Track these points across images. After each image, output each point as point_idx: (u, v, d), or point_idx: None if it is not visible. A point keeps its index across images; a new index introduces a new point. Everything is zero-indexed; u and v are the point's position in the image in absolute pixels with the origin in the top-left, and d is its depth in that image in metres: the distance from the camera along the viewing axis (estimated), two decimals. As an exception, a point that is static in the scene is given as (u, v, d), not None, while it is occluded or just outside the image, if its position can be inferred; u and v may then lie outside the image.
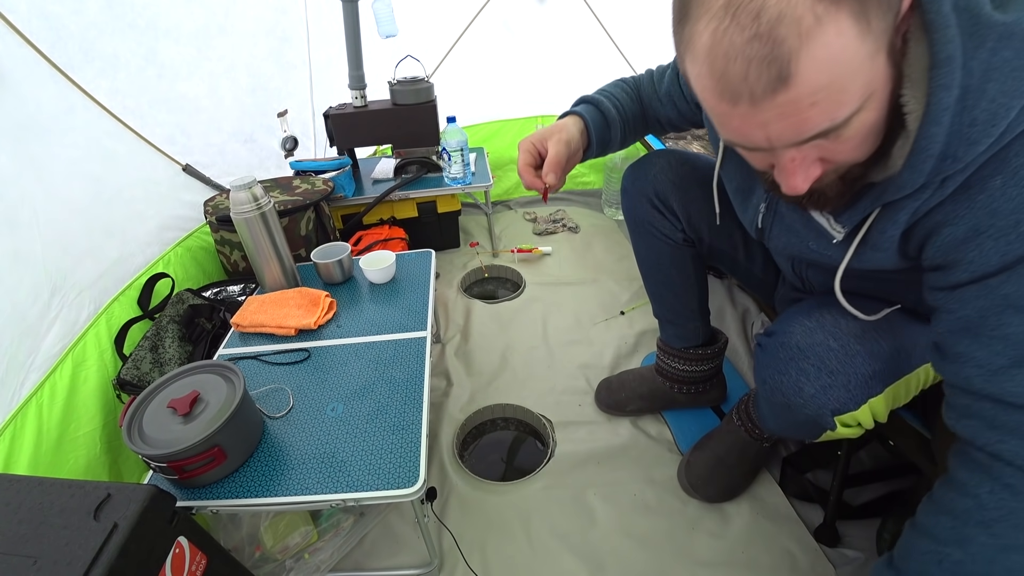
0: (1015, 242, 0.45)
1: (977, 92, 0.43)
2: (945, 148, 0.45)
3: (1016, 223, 0.45)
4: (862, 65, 0.40)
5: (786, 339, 0.68)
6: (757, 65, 0.39)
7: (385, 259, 1.30)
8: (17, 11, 1.03)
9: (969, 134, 0.44)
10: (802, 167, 0.47)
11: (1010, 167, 0.44)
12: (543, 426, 1.27)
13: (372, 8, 1.71)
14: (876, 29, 0.39)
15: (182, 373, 0.88)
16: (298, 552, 0.94)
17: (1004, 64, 0.42)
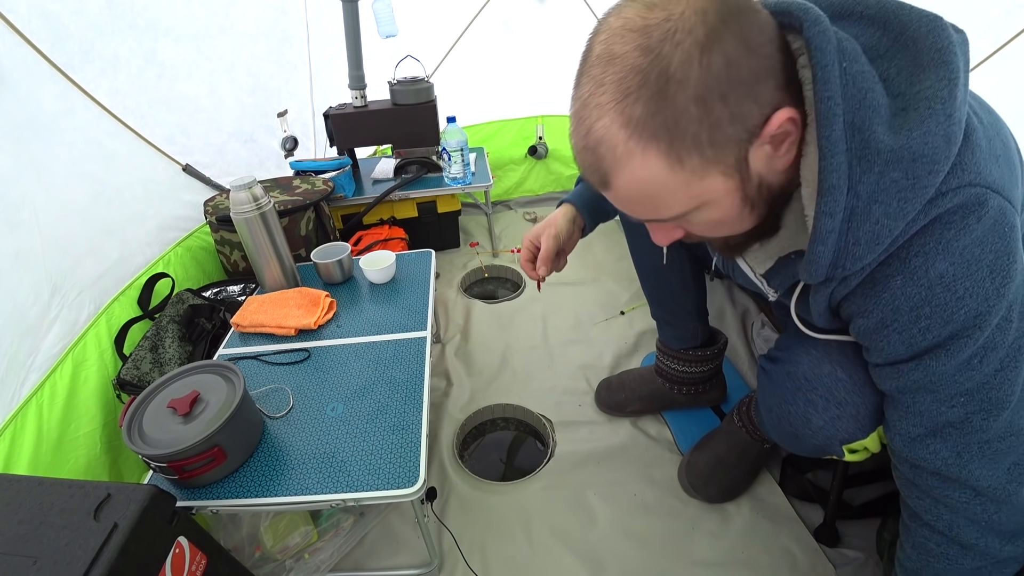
0: (917, 335, 0.51)
1: (862, 214, 0.46)
2: (835, 260, 0.50)
3: (916, 318, 0.50)
4: (676, 188, 0.46)
5: (793, 368, 0.67)
6: (589, 168, 0.48)
7: (385, 259, 1.30)
8: (17, 11, 1.03)
9: (854, 251, 0.49)
10: (662, 232, 0.56)
11: (909, 267, 0.49)
12: (543, 426, 1.27)
13: (372, 8, 1.71)
14: (693, 165, 0.44)
15: (182, 373, 0.88)
16: (298, 552, 0.94)
17: (892, 185, 0.45)
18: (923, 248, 0.48)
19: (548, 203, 2.40)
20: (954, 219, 0.46)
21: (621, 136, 0.43)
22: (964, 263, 0.47)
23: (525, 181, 2.41)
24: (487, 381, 1.40)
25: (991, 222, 0.47)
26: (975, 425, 0.54)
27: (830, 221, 0.47)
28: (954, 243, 0.47)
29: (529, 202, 2.41)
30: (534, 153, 2.34)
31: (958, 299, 0.48)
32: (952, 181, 0.46)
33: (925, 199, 0.45)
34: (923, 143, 0.44)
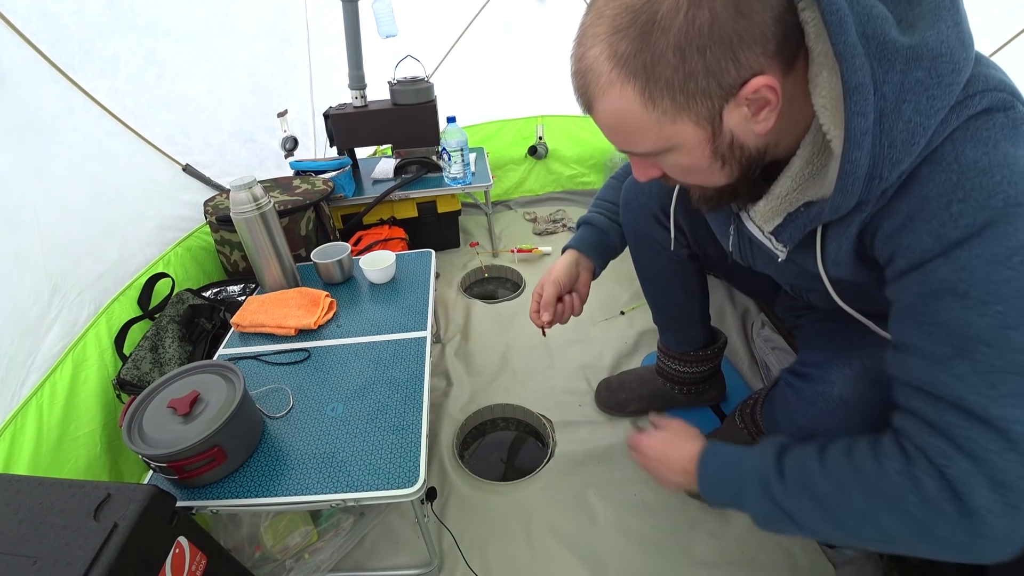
0: (948, 223, 0.45)
1: (893, 115, 0.45)
2: (871, 169, 0.47)
3: (946, 204, 0.45)
4: (648, 126, 0.50)
5: (827, 388, 0.65)
6: (578, 90, 0.53)
7: (385, 259, 1.30)
8: (17, 11, 1.03)
9: (891, 155, 0.46)
10: (641, 168, 0.59)
11: (937, 156, 0.46)
12: (543, 426, 1.27)
13: (372, 8, 1.71)
14: (664, 106, 0.48)
15: (182, 373, 0.88)
16: (298, 552, 0.94)
17: (916, 85, 0.45)
18: (952, 139, 0.46)
19: (548, 203, 2.40)
20: (982, 117, 0.46)
21: (606, 67, 0.48)
22: (1000, 154, 0.44)
23: (525, 181, 2.42)
24: (487, 381, 1.40)
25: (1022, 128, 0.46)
26: (1015, 343, 0.43)
27: (863, 122, 0.45)
28: (984, 133, 0.45)
29: (529, 202, 2.41)
30: (534, 153, 2.34)
31: (995, 184, 0.44)
32: (977, 86, 0.46)
33: (953, 98, 0.45)
34: (939, 42, 0.44)
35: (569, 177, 2.41)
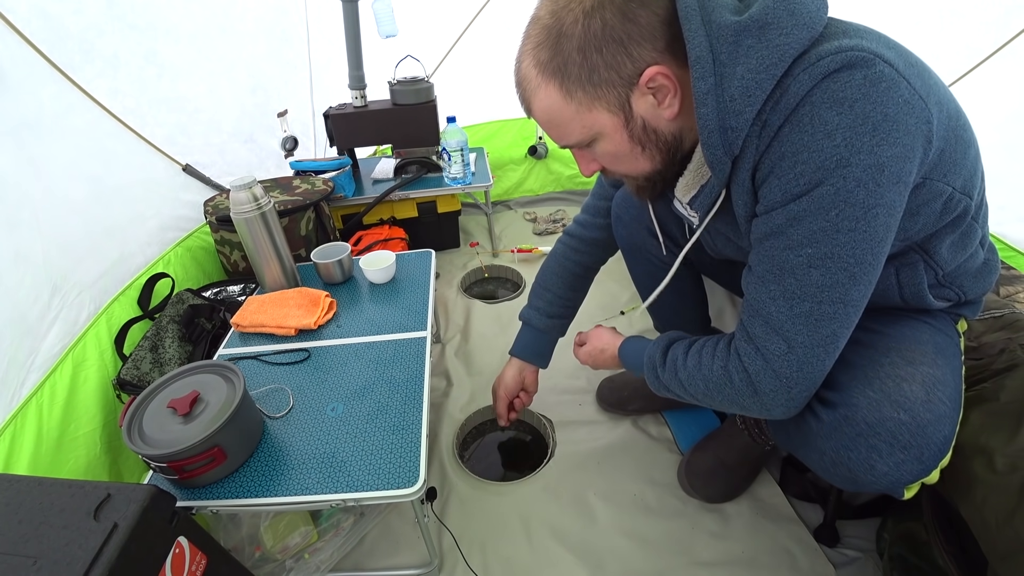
0: (792, 180, 0.55)
1: (729, 75, 0.55)
2: (720, 121, 0.57)
3: (795, 163, 0.54)
4: (571, 117, 0.61)
5: (851, 412, 0.64)
6: (520, 98, 0.66)
7: (385, 259, 1.30)
8: (17, 11, 1.03)
9: (732, 107, 0.55)
10: (583, 162, 0.70)
11: (797, 115, 0.53)
12: (543, 426, 1.27)
13: (372, 8, 1.71)
14: (579, 98, 0.59)
15: (182, 373, 0.88)
16: (298, 552, 0.94)
17: (748, 50, 0.54)
18: (811, 98, 0.52)
19: (548, 203, 2.40)
20: (841, 74, 0.51)
21: (533, 73, 0.60)
22: (851, 114, 0.51)
23: (525, 181, 2.42)
24: (487, 381, 1.40)
25: (883, 85, 0.51)
26: (813, 280, 0.57)
27: (704, 84, 0.55)
28: (841, 93, 0.51)
29: (529, 202, 2.41)
30: (534, 153, 2.34)
31: (835, 147, 0.52)
32: (830, 47, 0.52)
33: (788, 56, 0.52)
34: (763, 13, 0.53)
35: (569, 177, 2.41)
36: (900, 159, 0.53)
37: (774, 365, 0.60)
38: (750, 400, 0.64)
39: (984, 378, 0.78)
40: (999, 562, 0.63)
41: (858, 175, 0.52)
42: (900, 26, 1.54)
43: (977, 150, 0.65)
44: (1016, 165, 1.27)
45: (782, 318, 0.59)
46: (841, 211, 0.54)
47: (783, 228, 0.57)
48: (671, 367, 0.74)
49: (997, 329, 0.88)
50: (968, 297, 0.75)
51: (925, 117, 0.53)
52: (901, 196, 0.55)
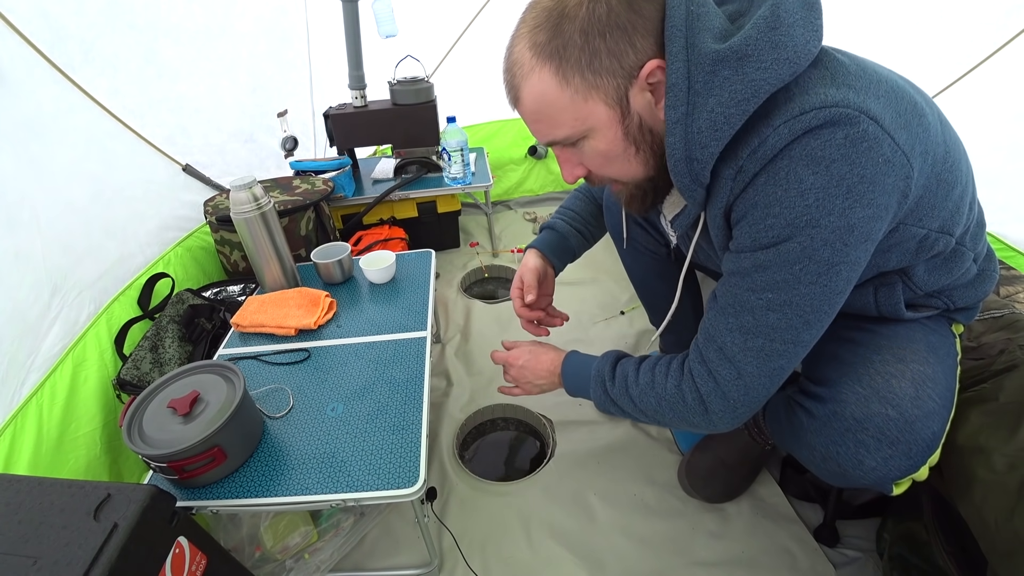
0: (762, 231, 0.56)
1: (700, 106, 0.54)
2: (687, 151, 0.56)
3: (766, 216, 0.55)
4: (565, 105, 0.57)
5: (839, 408, 0.66)
6: (507, 86, 0.61)
7: (385, 259, 1.30)
8: (17, 11, 1.03)
9: (699, 139, 0.55)
10: (567, 166, 0.66)
11: (774, 168, 0.53)
12: (543, 426, 1.27)
13: (372, 8, 1.71)
14: (576, 84, 0.55)
15: (182, 373, 0.88)
16: (298, 552, 0.94)
17: (724, 81, 0.52)
18: (790, 153, 0.52)
19: (548, 203, 2.40)
20: (822, 132, 0.50)
21: (527, 55, 0.57)
22: (827, 176, 0.51)
23: (525, 181, 2.42)
24: (487, 381, 1.40)
25: (864, 145, 0.50)
26: (769, 321, 0.59)
27: (674, 113, 0.55)
28: (819, 153, 0.51)
29: (529, 202, 2.41)
30: (534, 153, 2.34)
31: (806, 206, 0.52)
32: (815, 100, 0.51)
33: (760, 92, 0.51)
34: (744, 44, 0.51)
35: (569, 177, 2.41)
36: (871, 219, 0.54)
37: (724, 388, 0.63)
38: (700, 418, 0.67)
39: (984, 378, 0.78)
40: (999, 561, 0.63)
41: (826, 236, 0.53)
42: (900, 26, 1.54)
43: (965, 186, 0.64)
44: (1016, 165, 1.27)
45: (736, 349, 0.62)
46: (805, 266, 0.55)
47: (749, 271, 0.59)
48: (621, 383, 0.74)
49: (997, 329, 0.88)
50: (958, 305, 0.75)
51: (905, 173, 0.53)
52: (867, 252, 0.57)
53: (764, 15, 0.52)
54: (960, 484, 0.70)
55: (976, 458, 0.69)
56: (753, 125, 0.54)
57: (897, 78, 0.59)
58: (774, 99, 0.53)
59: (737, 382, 0.62)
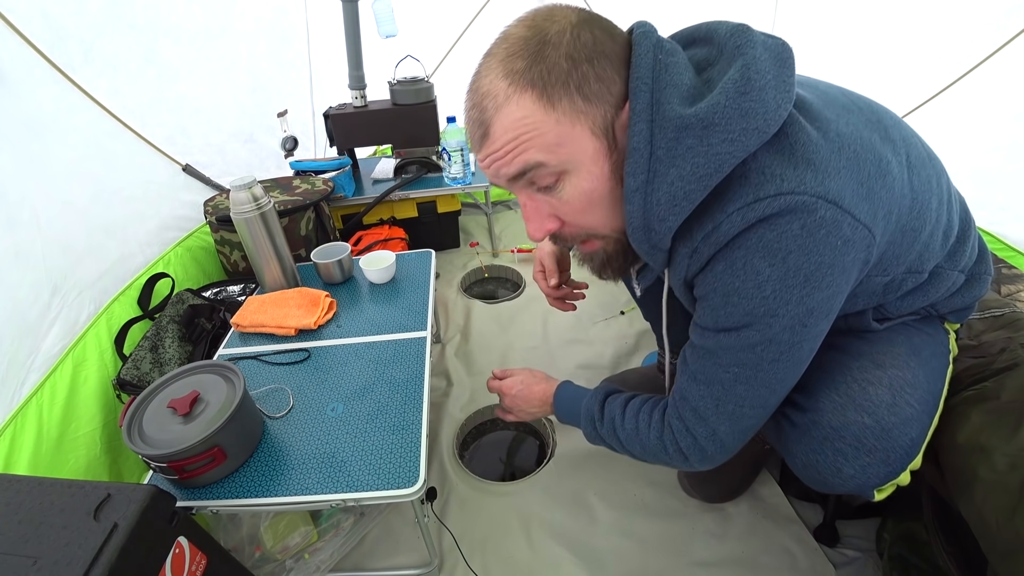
0: (722, 316, 0.57)
1: (661, 176, 0.51)
2: (645, 222, 0.54)
3: (725, 303, 0.55)
4: (551, 127, 0.51)
5: (817, 417, 0.66)
6: (475, 123, 0.55)
7: (385, 259, 1.30)
8: (17, 11, 1.03)
9: (657, 212, 0.53)
10: (536, 217, 0.59)
11: (731, 257, 0.53)
12: (543, 426, 1.27)
13: (372, 8, 1.71)
14: (564, 108, 0.50)
15: (182, 373, 0.88)
16: (298, 552, 0.94)
17: (687, 151, 0.50)
18: (746, 243, 0.51)
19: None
20: (778, 222, 0.49)
21: (502, 85, 0.51)
22: (783, 267, 0.50)
23: (525, 181, 2.41)
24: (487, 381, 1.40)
25: (822, 232, 0.49)
26: (738, 392, 0.60)
27: (634, 181, 0.52)
28: (775, 245, 0.50)
29: (529, 202, 2.41)
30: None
31: (763, 298, 0.52)
32: (770, 187, 0.49)
33: (724, 166, 0.49)
34: (712, 112, 0.48)
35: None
36: (831, 298, 0.54)
37: (701, 443, 0.66)
38: (682, 465, 0.71)
39: (985, 377, 0.78)
40: (1000, 561, 0.63)
41: (785, 323, 0.54)
42: (900, 26, 1.54)
43: (936, 223, 0.63)
44: (1016, 165, 1.27)
45: (709, 413, 0.64)
46: (766, 348, 0.56)
47: (713, 349, 0.60)
48: (609, 424, 0.77)
49: (997, 328, 0.88)
50: (944, 312, 0.75)
51: (866, 244, 0.52)
52: (830, 321, 0.58)
53: (734, 78, 0.48)
54: (961, 483, 0.70)
55: (977, 457, 0.69)
56: (707, 204, 0.52)
57: (863, 124, 0.56)
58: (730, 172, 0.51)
59: (713, 438, 0.65)
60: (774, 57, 0.50)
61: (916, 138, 0.63)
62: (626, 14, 0.61)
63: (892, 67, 1.56)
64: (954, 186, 0.71)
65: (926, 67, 1.45)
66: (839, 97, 0.59)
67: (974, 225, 0.73)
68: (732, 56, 0.51)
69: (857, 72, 1.68)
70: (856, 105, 0.58)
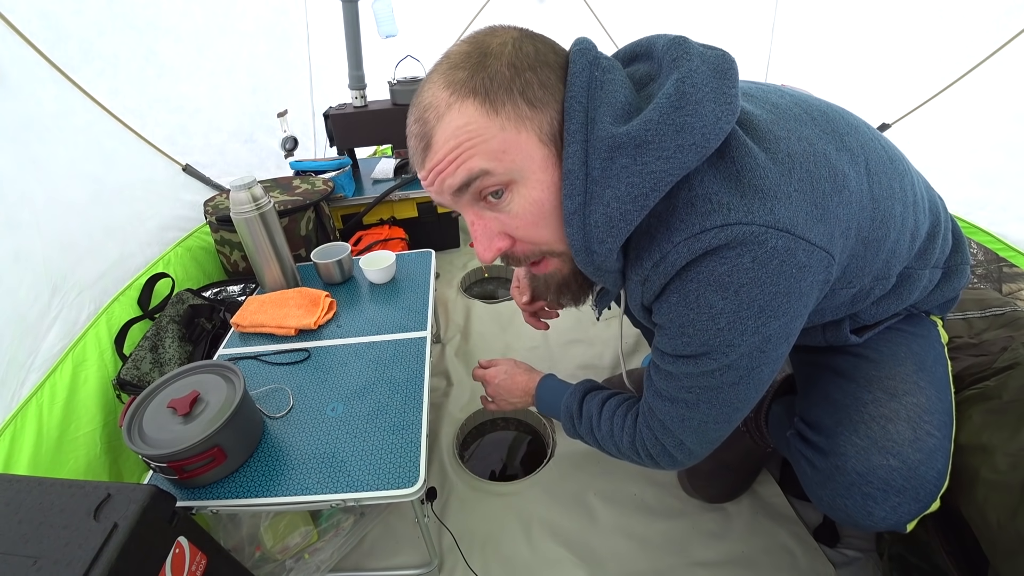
0: (679, 345, 0.57)
1: (597, 198, 0.50)
2: (585, 244, 0.52)
3: (681, 333, 0.55)
4: (495, 134, 0.48)
5: (841, 462, 0.65)
6: (417, 136, 0.52)
7: (385, 259, 1.30)
8: (17, 11, 1.03)
9: (596, 234, 0.51)
10: (485, 236, 0.55)
11: (685, 290, 0.52)
12: (543, 426, 1.27)
13: (372, 8, 1.71)
14: (507, 113, 0.48)
15: (182, 373, 0.88)
16: (298, 552, 0.94)
17: (621, 171, 0.48)
18: (698, 276, 0.50)
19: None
20: (728, 255, 0.48)
21: (444, 95, 0.49)
22: (736, 300, 0.50)
23: (525, 181, 2.41)
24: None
25: (775, 264, 0.48)
26: (701, 411, 0.61)
27: (571, 203, 0.50)
28: (727, 279, 0.49)
29: (529, 202, 2.41)
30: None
31: (718, 329, 0.52)
32: (716, 217, 0.47)
33: (660, 185, 0.47)
34: (644, 130, 0.47)
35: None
36: (788, 323, 0.54)
37: (670, 451, 0.68)
38: (653, 467, 0.73)
39: (986, 376, 0.78)
40: (1001, 561, 0.63)
41: (742, 351, 0.54)
42: (900, 26, 1.54)
43: (900, 229, 0.61)
44: (1016, 165, 1.27)
45: (675, 427, 0.65)
46: (725, 373, 0.56)
47: (675, 374, 0.60)
48: (587, 423, 0.80)
49: (998, 327, 0.88)
50: (926, 309, 0.75)
51: (824, 266, 0.51)
52: (790, 343, 0.57)
53: (668, 92, 0.47)
54: (962, 483, 0.70)
55: (978, 457, 0.69)
56: (653, 232, 0.51)
57: (818, 136, 0.54)
58: (675, 195, 0.49)
59: (680, 448, 0.67)
60: (713, 70, 0.48)
61: (876, 142, 0.61)
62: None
63: (892, 67, 1.56)
64: (921, 181, 0.69)
65: (926, 67, 1.45)
66: (791, 108, 0.57)
67: (945, 217, 0.72)
68: (669, 70, 0.49)
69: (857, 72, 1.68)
70: (809, 115, 0.56)
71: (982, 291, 1.02)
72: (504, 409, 1.01)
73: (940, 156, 1.38)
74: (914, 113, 1.50)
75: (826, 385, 0.73)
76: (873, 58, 1.62)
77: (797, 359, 0.84)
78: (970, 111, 1.38)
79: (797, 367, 0.84)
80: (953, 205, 0.74)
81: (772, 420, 0.92)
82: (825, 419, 0.69)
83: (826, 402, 0.71)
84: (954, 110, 1.42)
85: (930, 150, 1.41)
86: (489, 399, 1.03)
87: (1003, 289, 1.07)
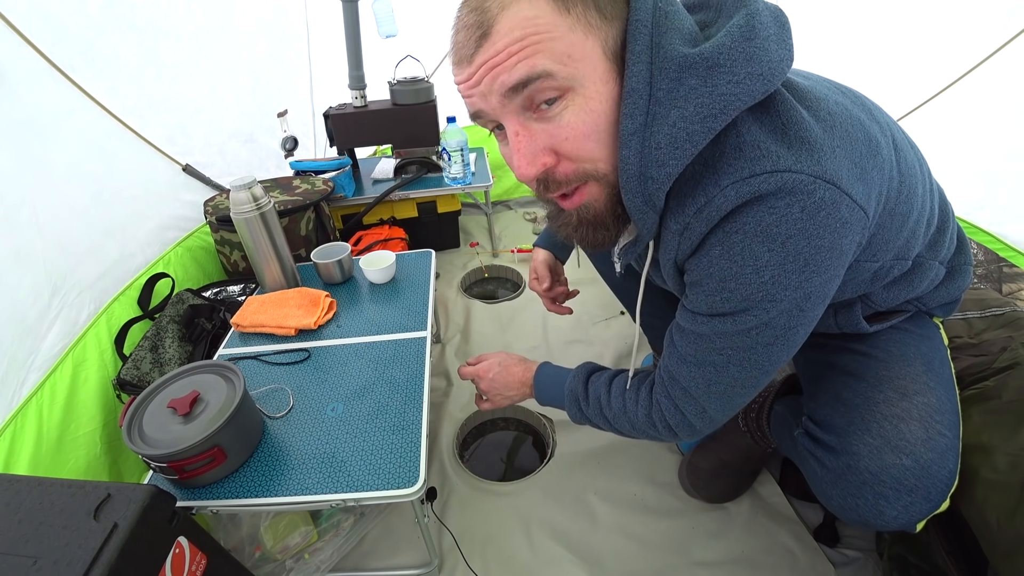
0: (718, 302, 0.55)
1: (661, 118, 0.48)
2: (641, 168, 0.50)
3: (722, 288, 0.54)
4: (564, 33, 0.46)
5: (853, 462, 0.65)
6: (473, 26, 0.48)
7: (385, 259, 1.30)
8: (17, 11, 1.03)
9: (656, 156, 0.49)
10: (529, 149, 0.51)
11: (729, 242, 0.51)
12: (543, 426, 1.27)
13: (372, 8, 1.71)
14: (579, 14, 0.46)
15: (182, 373, 0.88)
16: (298, 552, 0.94)
17: (690, 92, 0.47)
18: (744, 227, 0.49)
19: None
20: (777, 204, 0.47)
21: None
22: (783, 252, 0.49)
23: (525, 181, 2.41)
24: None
25: (822, 215, 0.47)
26: (730, 373, 0.60)
27: (631, 123, 0.48)
28: (775, 229, 0.48)
29: (529, 202, 2.41)
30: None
31: (762, 283, 0.51)
32: (765, 162, 0.47)
33: (729, 109, 0.46)
34: (717, 52, 0.46)
35: (569, 177, 2.40)
36: (828, 282, 0.53)
37: (690, 419, 0.67)
38: (670, 439, 0.73)
39: (985, 376, 0.78)
40: (1000, 561, 0.63)
41: (783, 307, 0.53)
42: (900, 26, 1.54)
43: (921, 209, 0.62)
44: (1016, 165, 1.27)
45: (699, 392, 0.64)
46: (762, 332, 0.55)
47: (706, 334, 0.59)
48: (595, 404, 0.77)
49: (998, 327, 0.88)
50: (930, 307, 0.75)
51: (862, 225, 0.51)
52: (824, 306, 0.57)
53: (739, 23, 0.47)
54: (962, 483, 0.70)
55: (978, 457, 0.69)
56: (699, 176, 0.50)
57: (850, 104, 0.55)
58: (722, 140, 0.49)
59: (702, 416, 0.66)
60: (774, 18, 0.49)
61: (898, 125, 0.63)
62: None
63: (892, 67, 1.56)
64: (932, 175, 0.71)
65: (926, 67, 1.45)
66: (822, 80, 0.59)
67: (952, 216, 0.73)
68: (733, 10, 0.49)
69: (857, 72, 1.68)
70: (839, 89, 0.58)
71: (982, 291, 1.02)
72: (500, 406, 0.96)
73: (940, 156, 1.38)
74: (914, 113, 1.50)
75: (835, 385, 0.73)
76: (873, 58, 1.62)
77: (804, 359, 0.83)
78: (970, 111, 1.38)
79: (805, 367, 0.84)
80: (953, 205, 0.75)
81: (774, 420, 0.92)
82: (836, 418, 0.69)
83: (836, 401, 0.71)
84: (954, 110, 1.42)
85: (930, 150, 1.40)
86: (483, 397, 0.96)
87: (1003, 289, 1.07)
